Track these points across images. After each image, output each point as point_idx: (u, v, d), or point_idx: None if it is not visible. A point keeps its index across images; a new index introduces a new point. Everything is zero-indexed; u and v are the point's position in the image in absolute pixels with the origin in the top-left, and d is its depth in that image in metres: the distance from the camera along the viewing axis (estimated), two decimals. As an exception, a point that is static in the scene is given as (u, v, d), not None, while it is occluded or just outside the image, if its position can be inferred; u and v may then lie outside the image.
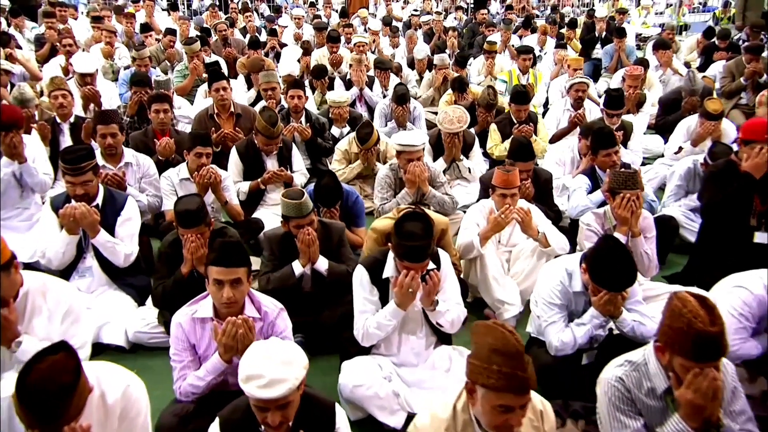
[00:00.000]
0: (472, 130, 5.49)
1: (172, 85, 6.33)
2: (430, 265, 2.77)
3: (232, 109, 5.40)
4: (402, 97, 5.84)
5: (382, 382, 2.72)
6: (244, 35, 10.21)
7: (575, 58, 7.20)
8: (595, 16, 10.13)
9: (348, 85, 6.89)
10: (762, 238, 3.59)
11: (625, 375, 2.10)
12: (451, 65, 7.45)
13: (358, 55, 6.96)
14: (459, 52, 8.44)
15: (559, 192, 4.65)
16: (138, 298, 3.56)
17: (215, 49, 8.42)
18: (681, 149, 5.26)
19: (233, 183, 4.39)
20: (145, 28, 9.09)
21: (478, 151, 5.34)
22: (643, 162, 5.49)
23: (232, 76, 7.36)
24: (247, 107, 5.77)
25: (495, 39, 8.46)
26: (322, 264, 3.32)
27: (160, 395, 2.62)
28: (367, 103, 6.72)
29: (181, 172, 4.17)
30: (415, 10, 12.44)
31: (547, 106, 7.25)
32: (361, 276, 2.86)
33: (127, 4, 12.00)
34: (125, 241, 3.52)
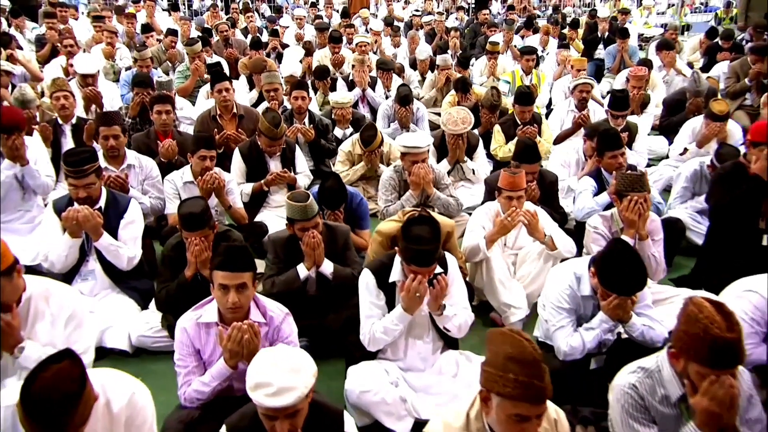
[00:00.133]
0: (476, 132, 5.46)
1: (174, 86, 6.29)
2: (438, 268, 2.74)
3: (235, 111, 5.37)
4: (405, 98, 5.81)
5: (389, 388, 2.69)
6: (246, 36, 10.18)
7: (579, 58, 7.17)
8: (597, 17, 10.08)
9: (350, 85, 6.85)
10: (770, 240, 3.58)
11: (638, 382, 2.07)
12: (453, 66, 7.42)
13: (360, 56, 6.93)
14: (461, 52, 8.40)
15: (564, 194, 4.62)
16: (141, 302, 3.54)
17: (217, 49, 8.38)
18: (686, 150, 5.23)
19: (236, 185, 4.36)
20: (146, 29, 9.06)
21: (482, 153, 5.30)
22: (647, 163, 5.45)
23: (234, 76, 7.34)
24: (250, 108, 5.74)
25: (497, 39, 8.42)
26: (327, 267, 3.29)
27: (165, 401, 2.58)
28: (369, 104, 6.68)
29: (185, 175, 4.14)
30: (416, 11, 12.40)
31: (550, 107, 7.22)
32: (367, 280, 2.83)
33: (127, 4, 11.98)
34: (128, 244, 3.49)
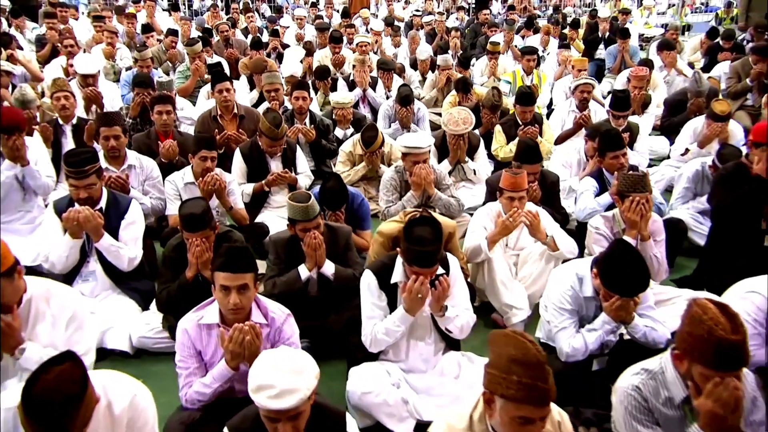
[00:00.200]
0: (477, 132, 5.45)
1: (175, 86, 6.28)
2: (439, 269, 2.73)
3: (236, 111, 5.36)
4: (406, 99, 5.80)
5: (391, 389, 2.68)
6: (246, 36, 10.17)
7: (580, 59, 7.16)
8: (598, 17, 10.07)
9: (351, 86, 6.84)
10: (773, 241, 3.56)
11: (641, 384, 2.06)
12: (454, 66, 7.40)
13: (361, 56, 6.92)
14: (462, 52, 8.40)
15: (565, 194, 4.61)
16: (142, 303, 3.53)
17: (217, 49, 8.37)
18: (687, 151, 5.23)
19: (237, 186, 4.35)
20: (146, 29, 9.05)
21: (483, 153, 5.29)
22: (648, 164, 5.45)
23: (234, 77, 7.32)
24: (251, 108, 5.73)
25: (498, 39, 8.41)
26: (329, 268, 3.28)
27: (166, 402, 2.57)
28: (370, 104, 6.67)
29: (185, 176, 4.12)
30: (417, 11, 12.39)
31: (551, 107, 7.21)
32: (369, 281, 2.82)
33: (127, 4, 11.97)
34: (129, 245, 3.48)
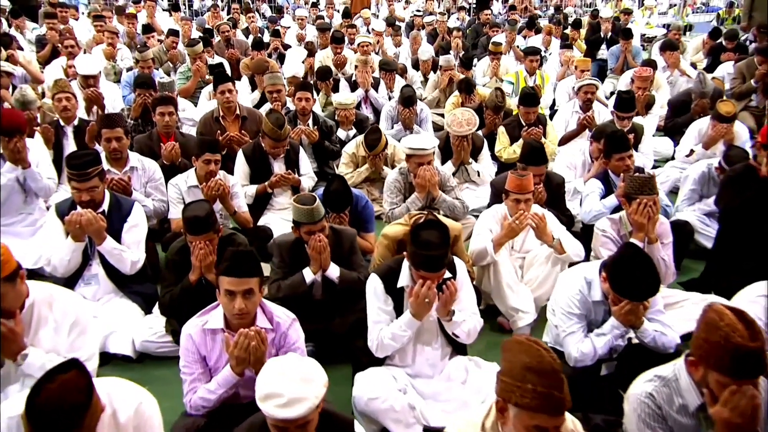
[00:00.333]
0: (480, 133, 5.42)
1: (176, 87, 6.25)
2: (447, 274, 2.70)
3: (238, 112, 5.32)
4: (409, 99, 5.77)
5: (398, 395, 2.65)
6: (247, 36, 10.15)
7: (583, 59, 7.12)
8: (600, 17, 10.04)
9: (353, 86, 6.81)
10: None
11: (655, 391, 2.03)
12: (456, 66, 7.37)
13: (363, 57, 6.89)
14: (464, 53, 8.37)
15: (570, 196, 4.57)
16: (145, 306, 3.50)
17: (218, 50, 8.35)
18: (692, 152, 5.20)
19: (241, 188, 4.32)
20: (147, 29, 9.02)
21: (487, 154, 5.26)
22: (653, 165, 5.42)
23: (236, 77, 7.28)
24: (253, 110, 5.70)
25: (500, 40, 8.38)
26: (334, 271, 3.25)
27: (169, 407, 2.54)
28: (372, 105, 6.65)
29: (189, 179, 4.08)
30: (417, 11, 12.37)
31: (554, 107, 7.18)
32: (375, 285, 2.79)
33: (128, 4, 11.94)
34: (132, 248, 3.46)
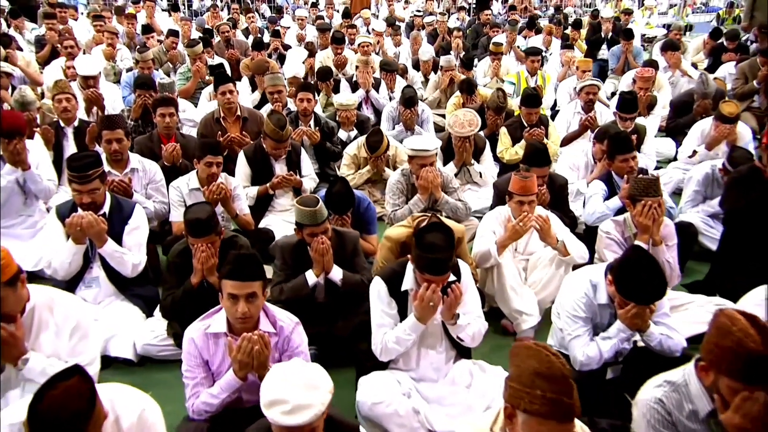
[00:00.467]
0: (482, 134, 5.39)
1: (176, 87, 6.22)
2: (451, 277, 2.68)
3: (239, 113, 5.30)
4: (410, 100, 5.74)
5: (402, 399, 2.63)
6: (247, 36, 10.13)
7: (584, 59, 7.10)
8: (601, 17, 10.03)
9: (354, 87, 6.79)
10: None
11: (664, 396, 2.00)
12: (457, 67, 7.35)
13: (364, 57, 6.86)
14: (465, 53, 8.34)
15: (573, 197, 4.56)
16: (146, 309, 3.47)
17: (218, 50, 8.32)
18: (695, 153, 5.18)
19: (243, 190, 4.29)
20: (146, 30, 8.99)
21: (489, 155, 5.23)
22: (655, 166, 5.40)
23: (236, 78, 7.25)
24: (254, 110, 5.67)
25: (500, 40, 8.36)
26: (336, 274, 3.23)
27: (171, 411, 2.51)
28: (373, 106, 6.62)
29: (191, 181, 4.05)
30: (417, 11, 12.34)
31: (555, 108, 7.16)
32: (378, 288, 2.77)
33: (127, 4, 11.90)
34: (133, 251, 3.43)
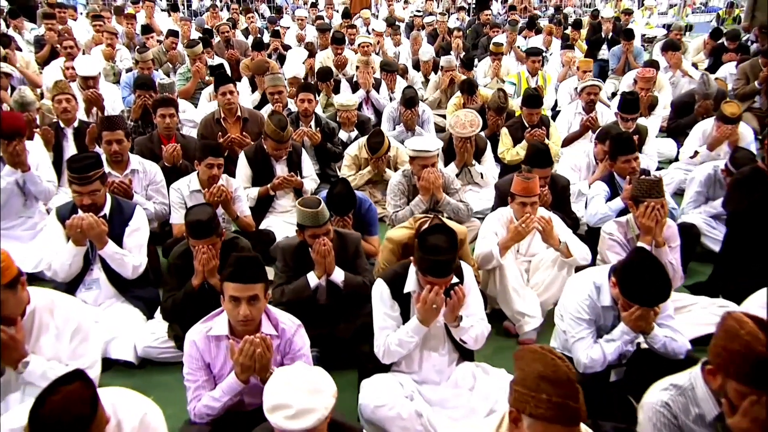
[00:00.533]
0: (483, 134, 5.37)
1: (176, 88, 6.20)
2: (454, 279, 2.66)
3: (239, 113, 5.28)
4: (411, 101, 5.73)
5: (404, 402, 2.61)
6: (246, 36, 10.10)
7: (585, 60, 7.08)
8: (601, 17, 10.02)
9: (354, 87, 6.77)
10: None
11: (671, 400, 1.99)
12: (457, 67, 7.34)
13: (365, 57, 6.84)
14: (465, 53, 8.33)
15: (575, 198, 4.54)
16: (146, 311, 3.46)
17: (218, 50, 8.30)
18: (697, 153, 5.17)
19: (243, 191, 4.27)
20: (146, 30, 8.97)
21: (490, 156, 5.21)
22: (657, 167, 5.39)
23: (236, 78, 7.24)
24: (254, 111, 5.65)
25: (500, 40, 8.35)
26: (338, 276, 3.21)
27: (172, 414, 2.49)
28: (374, 106, 6.60)
29: (191, 183, 4.04)
30: (417, 11, 12.33)
31: (555, 108, 7.15)
32: (381, 290, 2.75)
33: (126, 4, 11.88)
34: (134, 252, 3.41)
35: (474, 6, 14.07)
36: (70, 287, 3.34)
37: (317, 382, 1.86)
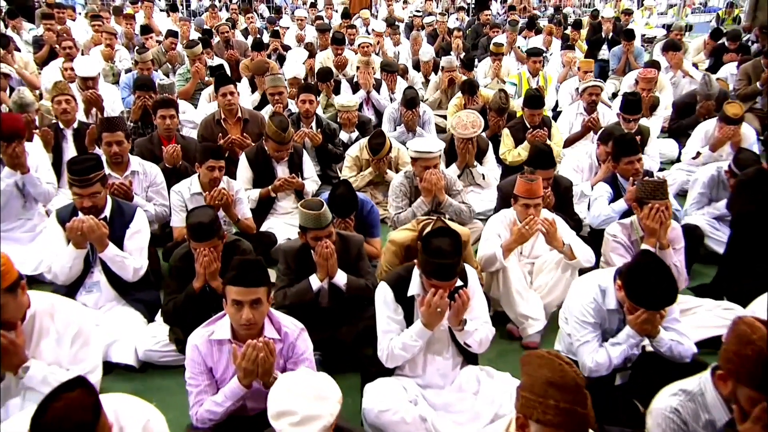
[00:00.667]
0: (484, 135, 5.35)
1: (176, 88, 6.17)
2: (458, 282, 2.64)
3: (239, 114, 5.25)
4: (412, 101, 5.71)
5: (408, 406, 2.58)
6: (246, 37, 10.07)
7: (586, 60, 7.07)
8: (601, 17, 10.01)
9: (354, 88, 6.74)
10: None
11: (680, 405, 1.96)
12: (457, 67, 7.31)
13: (365, 58, 6.82)
14: (465, 54, 8.31)
15: (577, 200, 4.52)
16: (147, 314, 3.43)
17: (217, 51, 8.27)
18: (699, 154, 5.15)
19: (245, 193, 4.25)
20: (145, 30, 8.94)
21: (491, 157, 5.19)
22: (659, 168, 5.37)
23: (236, 79, 7.21)
24: (254, 112, 5.62)
25: (500, 40, 8.33)
26: (341, 278, 3.19)
27: (173, 419, 2.47)
28: (374, 107, 6.58)
29: (192, 186, 4.00)
30: (417, 11, 12.31)
31: (556, 109, 7.13)
32: (384, 294, 2.73)
33: (125, 4, 11.85)
34: (134, 255, 3.38)
35: (473, 6, 14.05)
36: (71, 290, 3.31)
37: (322, 388, 1.84)
